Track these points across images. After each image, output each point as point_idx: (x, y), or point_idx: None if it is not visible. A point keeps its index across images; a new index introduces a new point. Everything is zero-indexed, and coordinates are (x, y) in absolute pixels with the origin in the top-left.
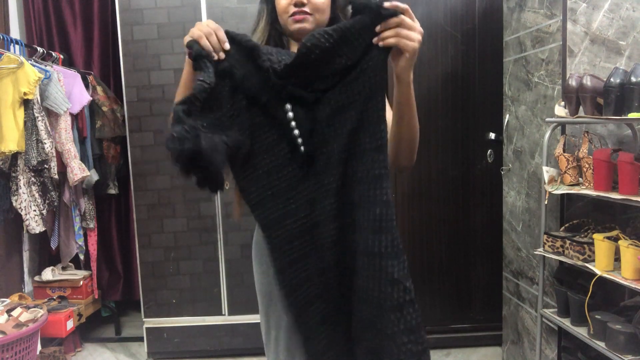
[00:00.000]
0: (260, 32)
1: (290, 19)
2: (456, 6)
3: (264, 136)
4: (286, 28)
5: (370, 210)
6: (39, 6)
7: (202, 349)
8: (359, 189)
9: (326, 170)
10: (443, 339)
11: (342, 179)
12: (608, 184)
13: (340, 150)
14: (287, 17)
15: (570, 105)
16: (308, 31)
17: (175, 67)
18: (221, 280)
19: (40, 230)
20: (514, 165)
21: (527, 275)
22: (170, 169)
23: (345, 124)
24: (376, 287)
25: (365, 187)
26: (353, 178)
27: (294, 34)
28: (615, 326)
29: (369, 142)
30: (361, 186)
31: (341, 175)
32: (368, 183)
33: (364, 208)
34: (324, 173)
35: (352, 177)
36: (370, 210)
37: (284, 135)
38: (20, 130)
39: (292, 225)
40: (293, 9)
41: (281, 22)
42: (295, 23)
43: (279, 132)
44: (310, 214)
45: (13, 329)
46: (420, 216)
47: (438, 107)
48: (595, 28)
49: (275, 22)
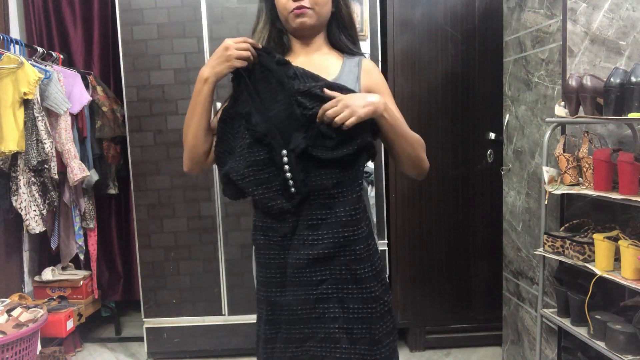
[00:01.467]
0: (260, 31)
1: (290, 15)
2: (456, 6)
3: (263, 171)
4: (287, 25)
5: (355, 247)
6: (39, 6)
7: (202, 349)
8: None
9: (310, 211)
10: (443, 339)
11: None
12: (608, 184)
13: (324, 197)
14: (287, 13)
15: (570, 105)
16: (309, 25)
17: (175, 67)
18: (221, 280)
19: (40, 230)
20: (514, 165)
21: (527, 275)
22: (170, 169)
23: (331, 177)
24: (364, 306)
25: (349, 230)
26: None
27: (296, 29)
28: (615, 326)
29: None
30: (345, 229)
31: (323, 217)
32: (350, 225)
33: (349, 245)
34: (309, 212)
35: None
36: (354, 246)
37: (278, 175)
38: (20, 130)
39: (266, 240)
40: (293, 5)
41: (282, 19)
42: (296, 18)
43: (275, 171)
44: (290, 236)
45: (13, 329)
46: (420, 216)
47: (438, 107)
48: (595, 28)
49: (275, 20)
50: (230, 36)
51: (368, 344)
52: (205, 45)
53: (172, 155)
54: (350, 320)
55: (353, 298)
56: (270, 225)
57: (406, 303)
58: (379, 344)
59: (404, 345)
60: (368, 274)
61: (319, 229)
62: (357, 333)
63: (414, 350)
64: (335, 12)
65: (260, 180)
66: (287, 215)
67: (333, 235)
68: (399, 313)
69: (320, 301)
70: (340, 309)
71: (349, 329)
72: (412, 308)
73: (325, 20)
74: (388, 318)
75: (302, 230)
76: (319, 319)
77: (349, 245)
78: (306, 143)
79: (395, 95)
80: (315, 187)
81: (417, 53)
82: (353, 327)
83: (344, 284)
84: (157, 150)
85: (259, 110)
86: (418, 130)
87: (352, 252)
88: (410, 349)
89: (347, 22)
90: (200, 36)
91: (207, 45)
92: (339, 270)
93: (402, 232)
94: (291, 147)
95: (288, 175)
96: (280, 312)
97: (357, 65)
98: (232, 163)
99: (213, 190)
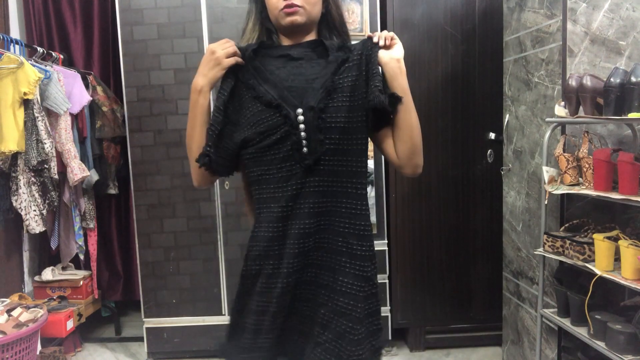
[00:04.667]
0: (250, 31)
1: (281, 13)
2: (456, 6)
3: (275, 133)
4: (278, 23)
5: (357, 221)
6: (39, 6)
7: (202, 349)
8: (345, 203)
9: (319, 173)
10: (443, 339)
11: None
12: (608, 184)
13: (333, 164)
14: (278, 12)
15: (570, 105)
16: (300, 24)
17: (175, 67)
18: (221, 280)
19: (40, 230)
20: (514, 165)
21: (527, 275)
22: (170, 169)
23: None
24: (355, 282)
25: (353, 203)
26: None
27: (286, 28)
28: (615, 326)
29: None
30: (349, 202)
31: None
32: (355, 199)
33: (351, 218)
34: (317, 174)
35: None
36: (356, 221)
37: (290, 135)
38: (20, 130)
39: (275, 210)
40: (283, 3)
41: (272, 18)
42: (287, 16)
43: (288, 131)
44: (293, 205)
45: (13, 329)
46: (420, 216)
47: (438, 107)
48: (595, 28)
49: (265, 20)
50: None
51: (352, 321)
52: (205, 45)
53: (172, 155)
54: (337, 291)
55: (345, 272)
56: (272, 195)
57: (406, 303)
58: (361, 323)
59: (404, 345)
60: (365, 252)
61: (324, 197)
62: (342, 306)
63: (414, 350)
64: (325, 14)
65: (272, 141)
66: (292, 181)
67: (336, 205)
68: (399, 313)
69: (312, 266)
70: (331, 277)
71: (334, 299)
72: (412, 308)
73: (315, 20)
74: (373, 300)
75: (305, 197)
76: (308, 282)
77: (349, 218)
78: (324, 103)
79: None
80: (324, 152)
81: (417, 53)
82: (338, 299)
83: (339, 256)
84: (157, 150)
85: (266, 81)
86: None
87: (352, 226)
88: (410, 349)
89: (337, 23)
90: (200, 36)
91: (207, 45)
92: (336, 241)
93: (402, 232)
94: (307, 105)
95: (302, 135)
96: (275, 283)
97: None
98: (241, 133)
99: (213, 190)
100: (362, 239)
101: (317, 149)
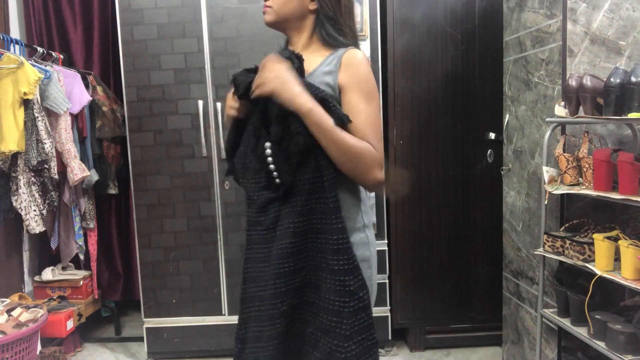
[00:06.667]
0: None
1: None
2: (456, 6)
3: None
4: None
5: (330, 236)
6: (39, 6)
7: (202, 349)
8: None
9: (294, 198)
10: (443, 339)
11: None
12: (608, 184)
13: (305, 183)
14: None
15: (570, 105)
16: (269, 22)
17: (175, 67)
18: (221, 280)
19: (40, 230)
20: (514, 165)
21: (527, 275)
22: (170, 169)
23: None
24: (337, 297)
25: (327, 219)
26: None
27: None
28: (615, 326)
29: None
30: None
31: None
32: (328, 214)
33: (324, 234)
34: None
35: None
36: (329, 236)
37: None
38: (20, 130)
39: (256, 233)
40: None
41: None
42: (263, 15)
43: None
44: (274, 228)
45: (13, 329)
46: (420, 216)
47: (438, 107)
48: (595, 28)
49: None
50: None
51: (338, 339)
52: (205, 46)
53: (172, 155)
54: (321, 308)
55: (326, 288)
56: (256, 219)
57: (406, 303)
58: (350, 340)
59: (404, 345)
60: (343, 266)
61: (301, 216)
62: (326, 324)
63: (414, 350)
64: (318, 8)
65: (251, 170)
66: (272, 205)
67: (310, 223)
68: (399, 313)
69: (303, 285)
70: (316, 295)
71: (320, 317)
72: (412, 308)
73: (289, 17)
74: (362, 315)
75: (284, 219)
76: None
77: (323, 233)
78: (281, 135)
79: (395, 96)
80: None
81: (417, 53)
82: (322, 317)
83: (320, 272)
84: (157, 150)
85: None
86: (418, 130)
87: (326, 241)
88: (410, 349)
89: (330, 13)
90: (200, 36)
91: (207, 45)
92: (315, 257)
93: (402, 232)
94: (270, 139)
95: (271, 167)
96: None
97: (339, 58)
98: (238, 151)
99: (213, 190)
100: (336, 253)
101: (286, 179)
